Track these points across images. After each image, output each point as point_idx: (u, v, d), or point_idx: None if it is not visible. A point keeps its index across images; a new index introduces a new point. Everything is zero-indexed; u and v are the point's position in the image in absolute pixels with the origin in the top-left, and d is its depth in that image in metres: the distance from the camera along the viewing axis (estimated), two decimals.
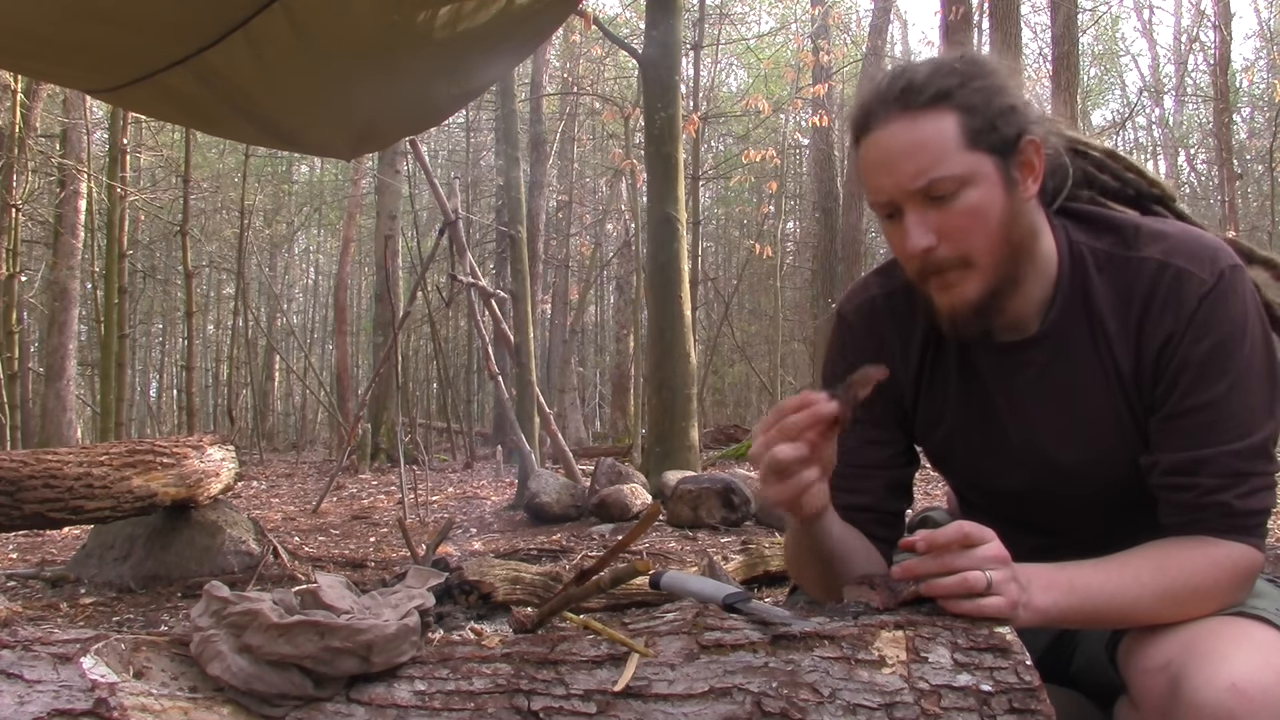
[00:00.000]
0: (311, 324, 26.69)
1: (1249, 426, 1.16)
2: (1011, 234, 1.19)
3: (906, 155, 1.16)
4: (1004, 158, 1.17)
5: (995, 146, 1.16)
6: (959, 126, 1.15)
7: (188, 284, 12.86)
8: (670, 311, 8.04)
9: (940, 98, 1.15)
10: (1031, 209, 1.21)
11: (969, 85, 1.16)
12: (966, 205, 1.16)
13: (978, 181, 1.16)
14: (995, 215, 1.17)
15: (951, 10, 9.94)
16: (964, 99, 1.15)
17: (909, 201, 1.17)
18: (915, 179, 1.16)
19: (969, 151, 1.15)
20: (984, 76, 1.17)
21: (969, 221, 1.17)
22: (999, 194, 1.17)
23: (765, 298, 19.85)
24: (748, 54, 19.42)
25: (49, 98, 11.75)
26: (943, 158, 1.15)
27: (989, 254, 1.18)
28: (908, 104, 1.16)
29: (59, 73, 3.71)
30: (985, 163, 1.16)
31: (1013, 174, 1.18)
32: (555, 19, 3.88)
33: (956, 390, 1.33)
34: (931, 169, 1.15)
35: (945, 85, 1.15)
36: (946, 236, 1.17)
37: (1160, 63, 23.96)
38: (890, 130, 1.17)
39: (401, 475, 7.95)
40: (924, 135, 1.15)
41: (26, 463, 4.00)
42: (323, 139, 4.17)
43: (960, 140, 1.15)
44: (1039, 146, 1.19)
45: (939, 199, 1.16)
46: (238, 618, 0.98)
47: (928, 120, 1.15)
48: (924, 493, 5.90)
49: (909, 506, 1.41)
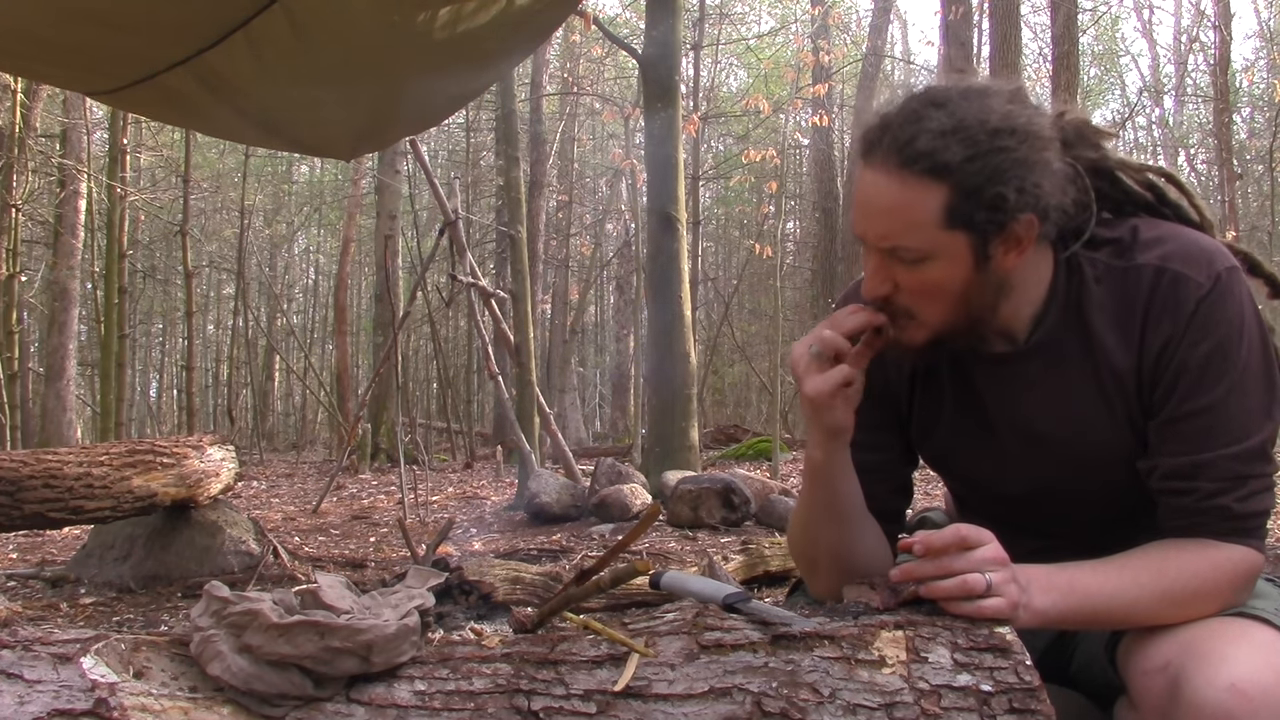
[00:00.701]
0: (311, 324, 26.68)
1: (1247, 429, 1.16)
2: (970, 303, 1.19)
3: (882, 214, 1.16)
4: (983, 237, 1.15)
5: (977, 228, 1.14)
6: (944, 205, 1.12)
7: (188, 284, 12.88)
8: (670, 311, 8.04)
9: (935, 171, 1.12)
10: (1009, 269, 1.19)
11: (974, 163, 1.11)
12: (926, 276, 1.17)
13: (943, 258, 1.15)
14: (954, 289, 1.18)
15: (951, 10, 9.95)
16: (962, 179, 1.11)
17: (874, 250, 1.19)
18: (882, 239, 1.17)
19: (944, 230, 1.14)
20: (997, 152, 1.12)
21: (923, 289, 1.18)
22: (964, 270, 1.17)
23: (765, 298, 19.84)
24: (748, 54, 19.44)
25: (49, 98, 11.75)
26: (914, 229, 1.14)
27: (938, 316, 1.20)
28: (903, 163, 1.13)
29: (59, 75, 3.71)
30: (958, 241, 1.15)
31: (989, 250, 1.16)
32: (555, 19, 3.88)
33: (951, 398, 1.33)
34: (900, 236, 1.15)
35: (946, 160, 1.11)
36: (902, 291, 1.19)
37: (1160, 63, 23.97)
38: (878, 180, 1.15)
39: (401, 475, 7.95)
40: (905, 202, 1.13)
41: (26, 463, 4.00)
42: (323, 139, 4.17)
43: (939, 219, 1.13)
44: (1033, 223, 1.15)
45: (903, 259, 1.17)
46: (238, 618, 0.98)
47: (915, 188, 1.13)
48: (924, 492, 5.90)
49: (909, 503, 1.42)
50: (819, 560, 1.33)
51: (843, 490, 1.28)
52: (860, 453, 1.34)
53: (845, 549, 1.28)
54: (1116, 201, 1.30)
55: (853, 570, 1.25)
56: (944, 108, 1.13)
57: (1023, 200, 1.13)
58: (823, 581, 1.33)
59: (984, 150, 1.11)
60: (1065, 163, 1.19)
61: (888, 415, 1.37)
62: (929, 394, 1.35)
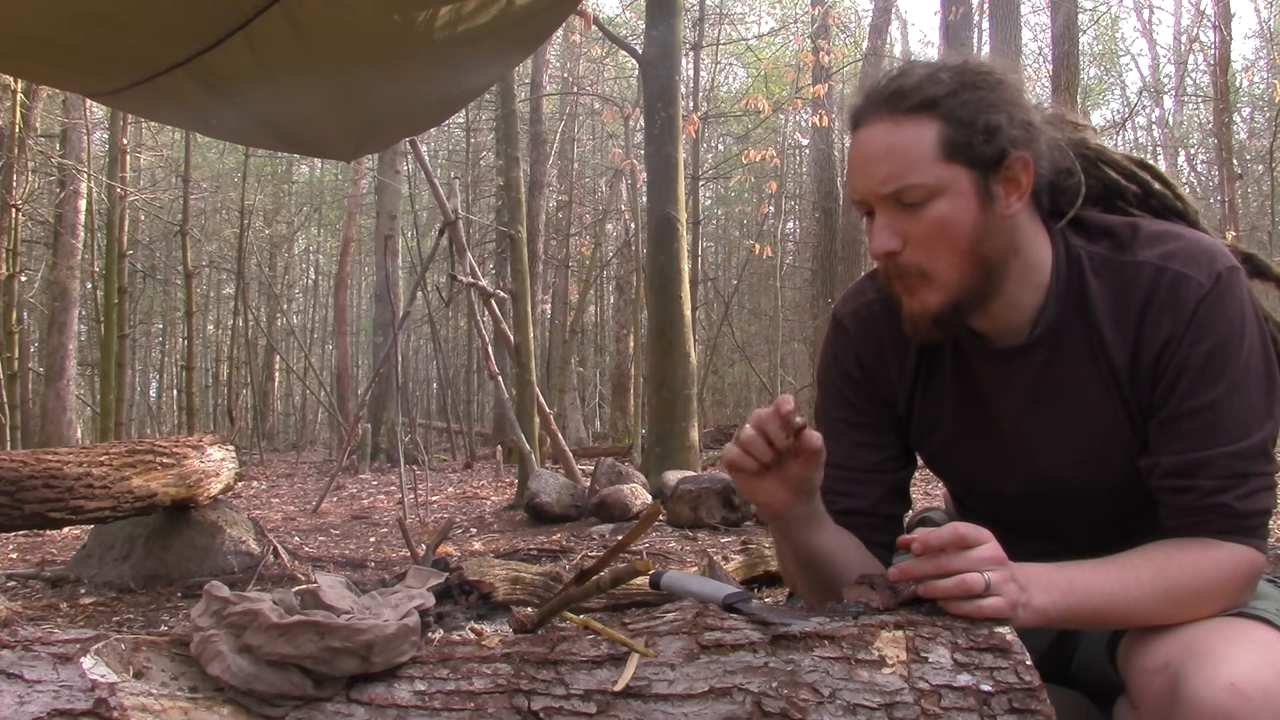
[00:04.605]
0: (311, 324, 26.69)
1: (1248, 427, 1.16)
2: (982, 249, 1.19)
3: (881, 159, 1.17)
4: (983, 173, 1.16)
5: (975, 161, 1.15)
6: (939, 137, 1.15)
7: (188, 284, 12.88)
8: (670, 311, 8.04)
9: (925, 105, 1.15)
10: (1015, 224, 1.20)
11: (959, 95, 1.15)
12: (934, 216, 1.16)
13: (949, 194, 1.15)
14: (964, 229, 1.17)
15: (951, 10, 9.95)
16: (950, 109, 1.15)
17: (880, 204, 1.18)
18: (885, 184, 1.17)
19: (944, 163, 1.15)
20: (980, 88, 1.16)
21: (935, 232, 1.17)
22: (971, 209, 1.16)
23: (765, 298, 19.84)
24: (748, 54, 19.41)
25: (49, 98, 11.75)
26: (915, 166, 1.15)
27: (952, 268, 1.19)
28: (893, 107, 1.16)
29: (59, 76, 3.71)
30: (961, 176, 1.15)
31: (992, 189, 1.17)
32: (555, 19, 3.88)
33: (953, 397, 1.32)
34: (902, 176, 1.15)
35: (933, 93, 1.15)
36: (912, 243, 1.18)
37: (1160, 63, 23.93)
38: (872, 132, 1.18)
39: (401, 475, 7.95)
40: (901, 141, 1.15)
41: (26, 463, 4.00)
42: (323, 140, 4.17)
43: (937, 151, 1.15)
44: (1028, 164, 1.17)
45: (909, 205, 1.16)
46: (238, 618, 0.98)
47: (909, 127, 1.15)
48: (924, 493, 5.90)
49: (906, 511, 1.41)
50: (797, 588, 1.36)
51: (810, 543, 1.27)
52: (854, 454, 1.34)
53: (823, 584, 1.28)
54: (1104, 188, 1.30)
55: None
56: (925, 62, 1.19)
57: (1014, 132, 1.16)
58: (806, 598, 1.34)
59: (971, 83, 1.16)
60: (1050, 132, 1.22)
61: (884, 415, 1.37)
62: (931, 392, 1.34)
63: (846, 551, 1.29)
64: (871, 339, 1.36)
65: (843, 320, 1.39)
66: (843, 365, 1.38)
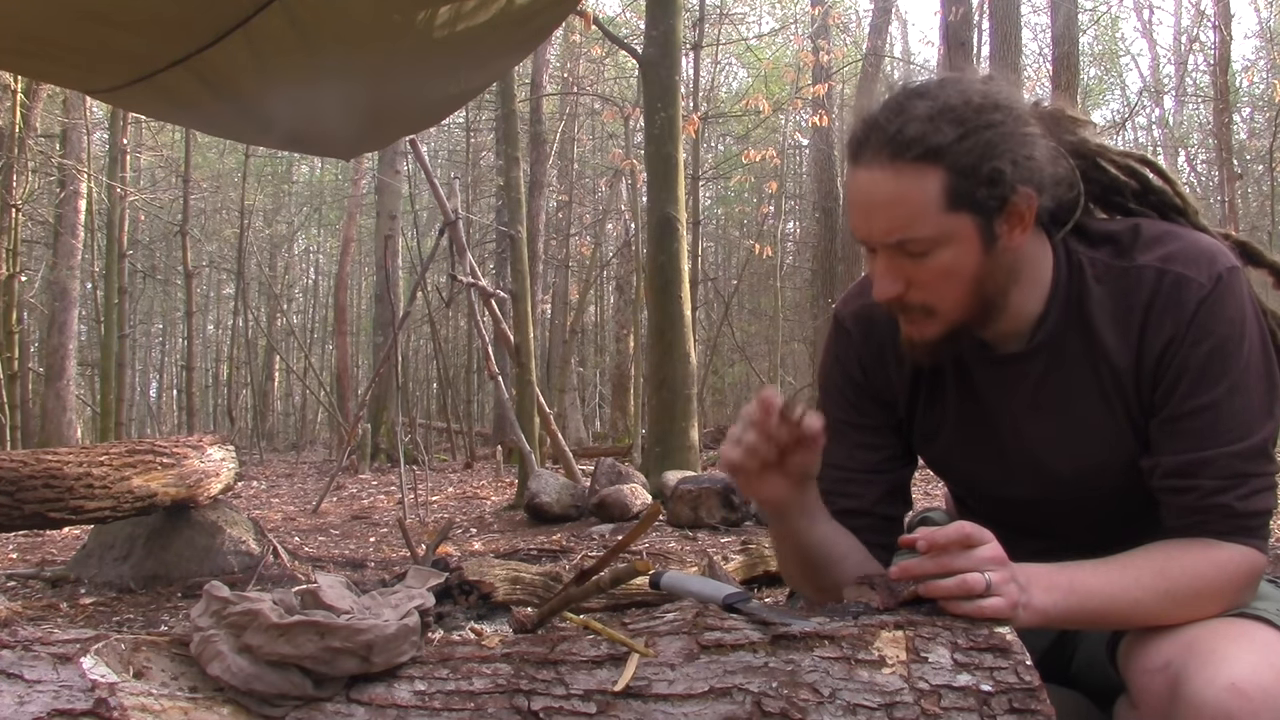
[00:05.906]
0: (311, 324, 26.68)
1: (1249, 427, 1.16)
2: (984, 287, 1.19)
3: (883, 208, 1.14)
4: (987, 216, 1.14)
5: (979, 208, 1.14)
6: (942, 187, 1.12)
7: (188, 284, 12.90)
8: (670, 311, 8.04)
9: (930, 155, 1.11)
10: (1016, 248, 1.19)
11: (965, 141, 1.11)
12: (938, 264, 1.16)
13: (952, 243, 1.15)
14: (967, 273, 1.17)
15: (951, 10, 9.94)
16: (955, 159, 1.11)
17: (881, 249, 1.18)
18: (889, 234, 1.15)
19: (948, 213, 1.13)
20: (986, 128, 1.12)
21: (938, 279, 1.17)
22: (974, 252, 1.16)
23: (765, 298, 19.84)
24: (748, 54, 19.41)
25: (49, 98, 11.75)
26: (918, 218, 1.13)
27: (955, 308, 1.19)
28: (895, 153, 1.12)
29: (58, 73, 3.71)
30: (964, 223, 1.14)
31: (995, 230, 1.16)
32: (555, 19, 3.88)
33: (954, 402, 1.32)
34: (905, 229, 1.14)
35: (938, 142, 1.11)
36: (915, 286, 1.18)
37: (1160, 63, 23.92)
38: (873, 176, 1.14)
39: (401, 475, 7.95)
40: (904, 192, 1.13)
41: (26, 463, 4.00)
42: (322, 138, 4.17)
43: (941, 202, 1.12)
44: (1032, 199, 1.15)
45: (912, 253, 1.16)
46: (238, 618, 0.98)
47: (911, 177, 1.12)
48: (924, 493, 5.90)
49: (907, 512, 1.40)
50: (796, 584, 1.37)
51: (809, 538, 1.28)
52: (854, 454, 1.34)
53: (822, 581, 1.28)
54: (1103, 188, 1.30)
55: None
56: (925, 96, 1.14)
57: (1019, 173, 1.13)
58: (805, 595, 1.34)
59: (973, 127, 1.12)
60: (1048, 143, 1.19)
61: (884, 416, 1.36)
62: (932, 398, 1.34)
63: (846, 543, 1.29)
64: (873, 340, 1.35)
65: (844, 321, 1.39)
66: (844, 366, 1.38)
